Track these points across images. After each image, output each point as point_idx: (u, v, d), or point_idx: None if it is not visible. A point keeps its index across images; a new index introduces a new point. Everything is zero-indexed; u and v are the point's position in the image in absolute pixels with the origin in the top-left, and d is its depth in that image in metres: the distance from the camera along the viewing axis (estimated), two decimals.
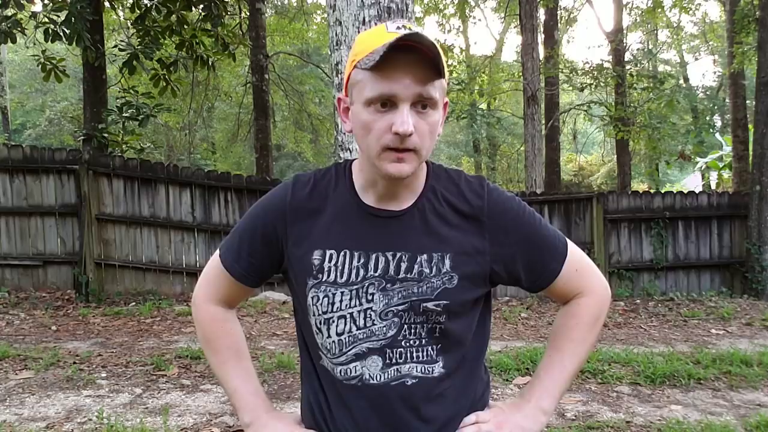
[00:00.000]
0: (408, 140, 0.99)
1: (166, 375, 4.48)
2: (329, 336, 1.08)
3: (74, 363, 4.69)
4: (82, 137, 7.93)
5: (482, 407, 1.17)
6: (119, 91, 8.66)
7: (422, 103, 1.00)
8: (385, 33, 0.98)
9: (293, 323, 6.66)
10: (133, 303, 7.08)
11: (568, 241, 1.17)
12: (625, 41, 16.17)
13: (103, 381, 4.34)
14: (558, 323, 1.20)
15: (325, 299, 1.07)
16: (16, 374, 4.46)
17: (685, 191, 8.72)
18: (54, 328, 5.97)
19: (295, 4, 17.57)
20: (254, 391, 1.19)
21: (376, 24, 2.18)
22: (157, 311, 6.64)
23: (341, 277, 1.06)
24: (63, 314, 6.55)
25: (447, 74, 1.04)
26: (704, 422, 3.59)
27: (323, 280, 1.07)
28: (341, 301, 1.06)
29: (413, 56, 0.97)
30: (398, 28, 0.98)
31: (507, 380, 4.45)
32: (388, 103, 0.99)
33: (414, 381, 1.07)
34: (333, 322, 1.07)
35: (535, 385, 1.16)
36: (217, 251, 1.20)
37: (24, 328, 5.96)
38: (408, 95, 0.98)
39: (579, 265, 1.16)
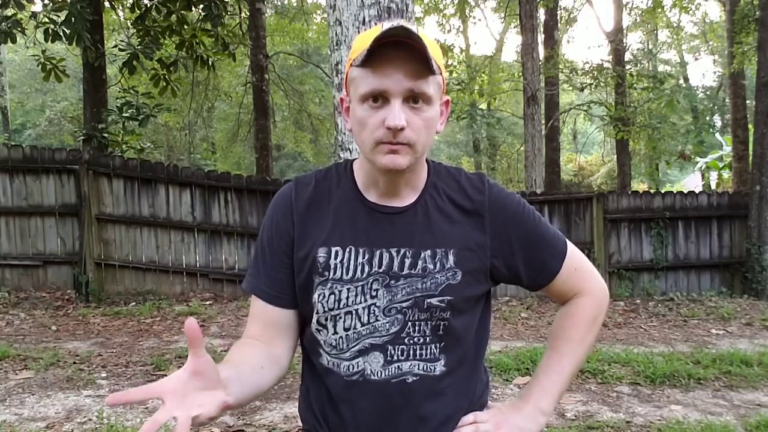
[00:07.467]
0: (401, 134, 0.99)
1: (166, 375, 4.48)
2: (335, 332, 1.08)
3: (74, 363, 4.69)
4: (82, 137, 7.93)
5: (481, 407, 1.17)
6: (119, 91, 8.67)
7: (414, 98, 1.00)
8: (379, 31, 0.98)
9: None
10: (133, 303, 7.07)
11: (567, 241, 1.19)
12: (625, 41, 16.16)
13: (103, 381, 4.34)
14: (556, 324, 1.21)
15: (332, 296, 1.07)
16: (16, 374, 4.46)
17: (685, 191, 8.70)
18: (54, 328, 5.97)
19: (295, 4, 17.57)
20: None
21: (376, 24, 2.18)
22: (157, 311, 6.64)
23: (347, 273, 1.07)
24: (63, 314, 6.55)
25: (443, 70, 1.04)
26: (704, 422, 3.59)
27: (329, 277, 1.07)
28: (347, 297, 1.07)
29: (404, 52, 0.98)
30: (393, 26, 0.97)
31: (507, 380, 4.45)
32: (380, 98, 1.00)
33: (415, 379, 1.07)
34: (339, 318, 1.07)
35: (533, 386, 1.17)
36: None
37: (24, 328, 5.95)
38: (399, 90, 0.99)
39: (578, 265, 1.18)
